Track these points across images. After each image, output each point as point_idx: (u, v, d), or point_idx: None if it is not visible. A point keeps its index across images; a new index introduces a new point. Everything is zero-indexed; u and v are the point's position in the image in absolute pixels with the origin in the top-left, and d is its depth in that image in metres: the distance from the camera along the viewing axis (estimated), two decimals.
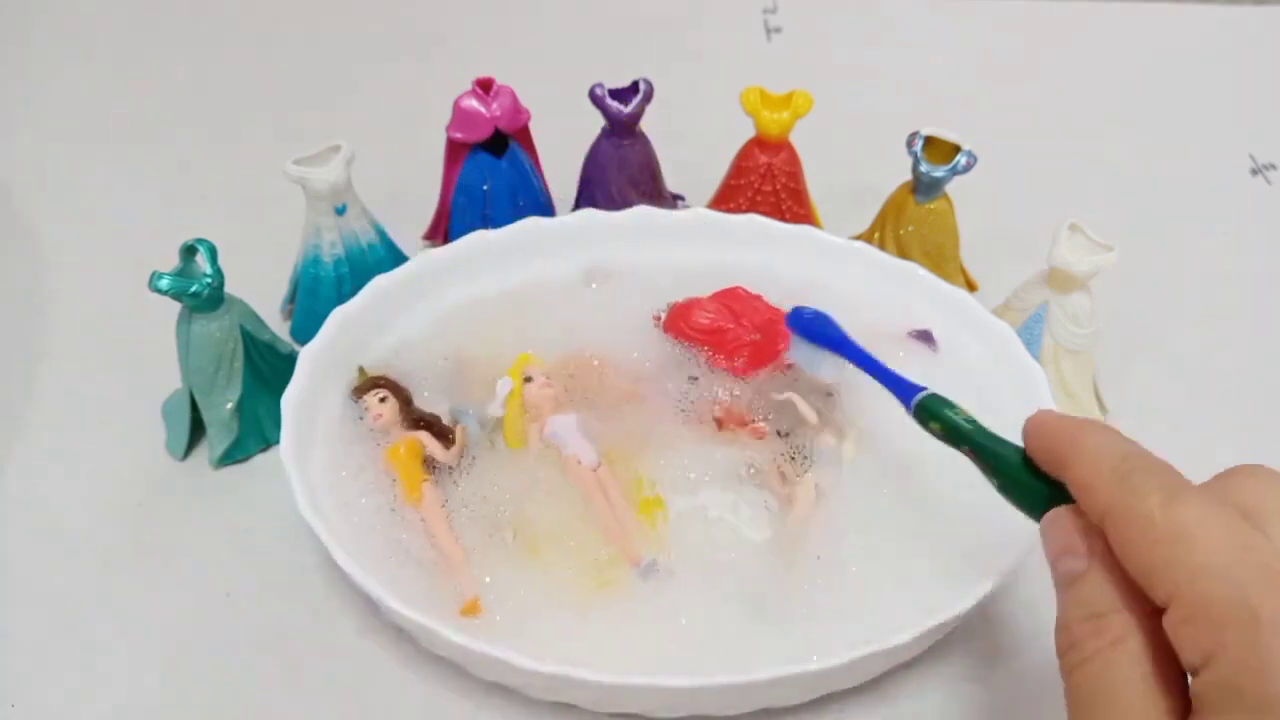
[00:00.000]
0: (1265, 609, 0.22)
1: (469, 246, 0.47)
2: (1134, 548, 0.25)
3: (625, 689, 0.33)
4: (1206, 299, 0.55)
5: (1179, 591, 0.23)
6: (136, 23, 0.75)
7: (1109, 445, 0.27)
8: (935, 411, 0.34)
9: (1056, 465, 0.28)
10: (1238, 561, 0.23)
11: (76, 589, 0.41)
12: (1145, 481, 0.25)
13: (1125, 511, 0.25)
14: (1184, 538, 0.24)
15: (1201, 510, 0.24)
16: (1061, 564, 0.27)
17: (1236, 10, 0.78)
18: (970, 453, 0.32)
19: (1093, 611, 0.25)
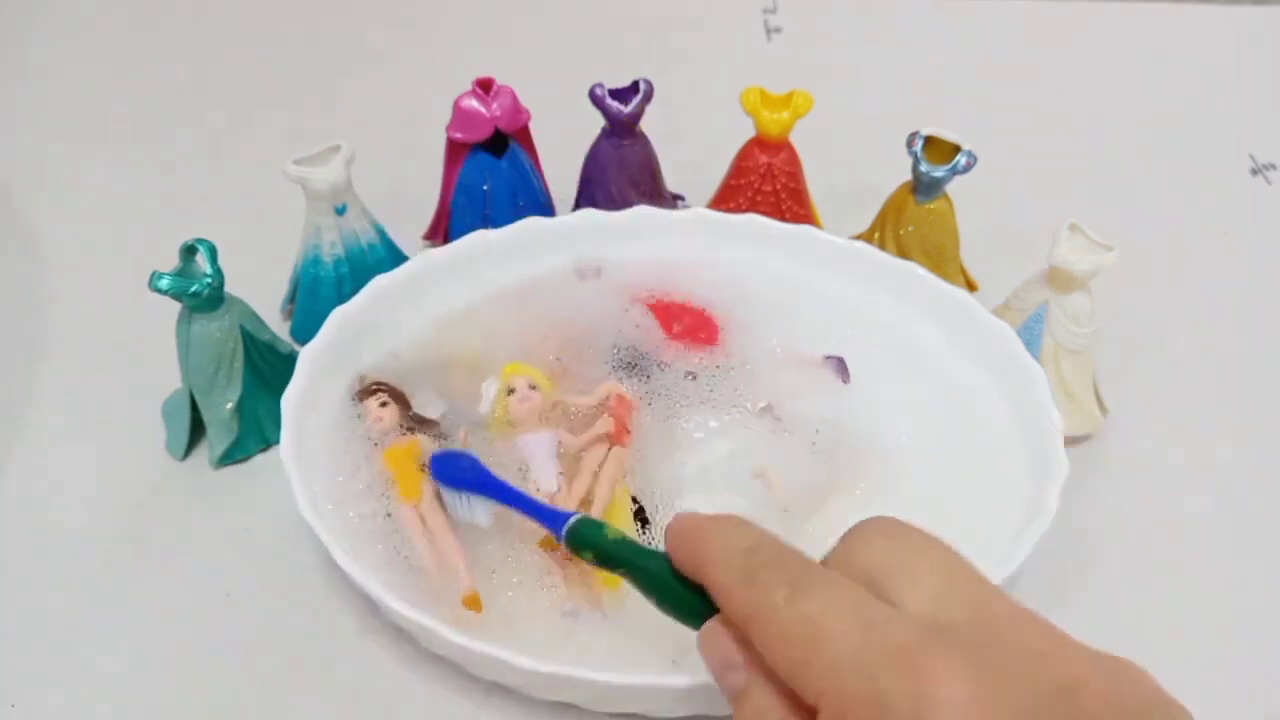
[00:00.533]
0: (895, 696, 0.22)
1: (469, 246, 0.47)
2: (773, 652, 0.25)
3: (625, 689, 0.33)
4: (1206, 299, 0.55)
5: (821, 694, 0.23)
6: (136, 23, 0.75)
7: (736, 540, 0.27)
8: (587, 538, 0.33)
9: (696, 571, 0.28)
10: (864, 647, 0.23)
11: (76, 589, 0.41)
12: (770, 578, 0.25)
13: (756, 616, 0.25)
14: (812, 634, 0.23)
15: (824, 599, 0.24)
16: (725, 679, 0.26)
17: (1236, 10, 0.78)
18: (626, 574, 0.31)
19: None
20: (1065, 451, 0.39)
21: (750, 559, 0.26)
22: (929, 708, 0.21)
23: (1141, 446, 0.47)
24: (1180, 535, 0.43)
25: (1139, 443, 0.47)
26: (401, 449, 0.41)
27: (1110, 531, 0.43)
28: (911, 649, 0.23)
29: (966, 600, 0.24)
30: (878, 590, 0.25)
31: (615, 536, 0.32)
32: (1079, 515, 0.42)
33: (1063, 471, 0.38)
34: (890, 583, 0.25)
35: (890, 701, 0.22)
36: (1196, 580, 0.42)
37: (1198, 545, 0.43)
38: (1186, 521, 0.44)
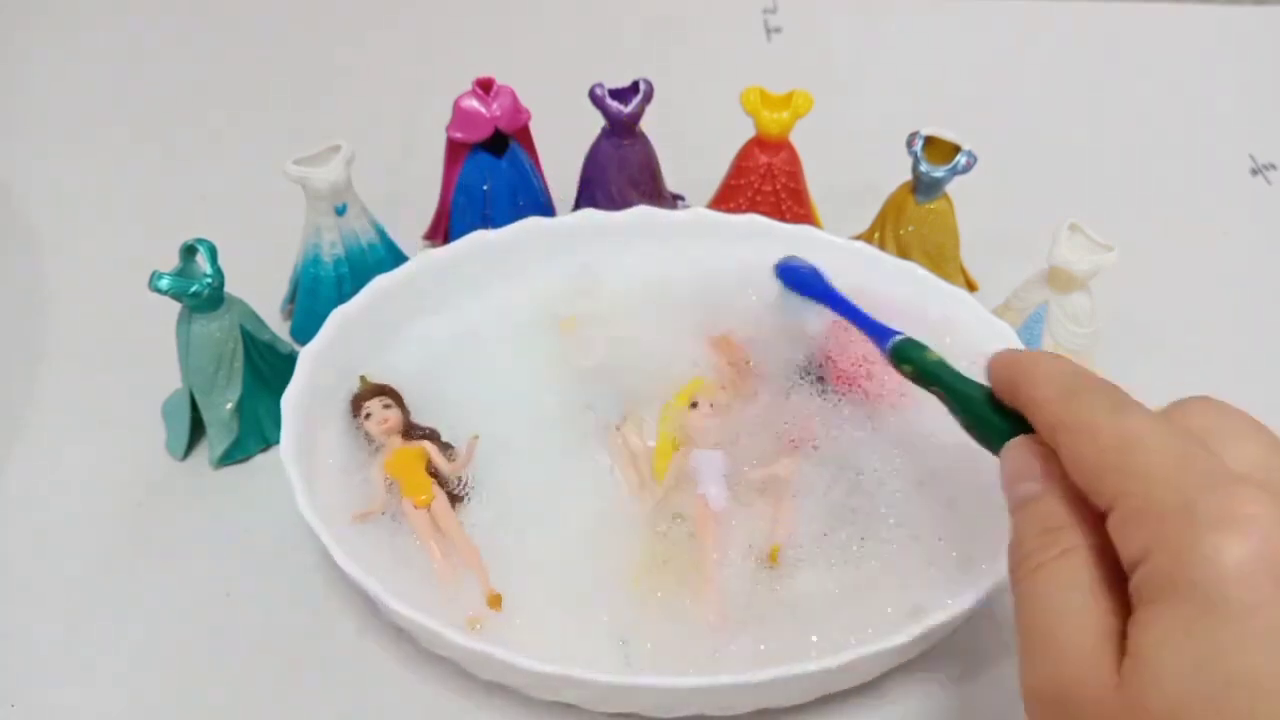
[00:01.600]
0: (1200, 505, 0.23)
1: (469, 246, 0.47)
2: (1081, 457, 0.26)
3: (625, 689, 0.33)
4: (1206, 299, 0.55)
5: (1122, 494, 0.24)
6: (136, 23, 0.75)
7: (1060, 366, 0.28)
8: (908, 354, 0.36)
9: (1013, 391, 0.29)
10: (1177, 465, 0.24)
11: (76, 589, 0.41)
12: (1093, 397, 0.27)
13: (1073, 423, 0.26)
14: (1128, 445, 0.25)
15: (1146, 422, 0.25)
16: (1018, 488, 0.28)
17: (1236, 10, 0.78)
18: (939, 393, 0.34)
19: (1045, 527, 0.26)
20: None
21: (1074, 380, 0.27)
22: (1235, 519, 0.22)
23: None
24: None
25: None
26: (410, 451, 0.40)
27: None
28: (1225, 477, 0.23)
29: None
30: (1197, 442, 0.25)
31: (935, 358, 0.35)
32: None
33: None
34: (1213, 442, 0.25)
35: (1196, 509, 0.22)
36: None
37: None
38: None
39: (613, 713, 0.36)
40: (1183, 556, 0.22)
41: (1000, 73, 0.72)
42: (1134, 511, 0.24)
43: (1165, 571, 0.23)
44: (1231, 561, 0.22)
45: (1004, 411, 0.30)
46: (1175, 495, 0.23)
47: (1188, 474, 0.24)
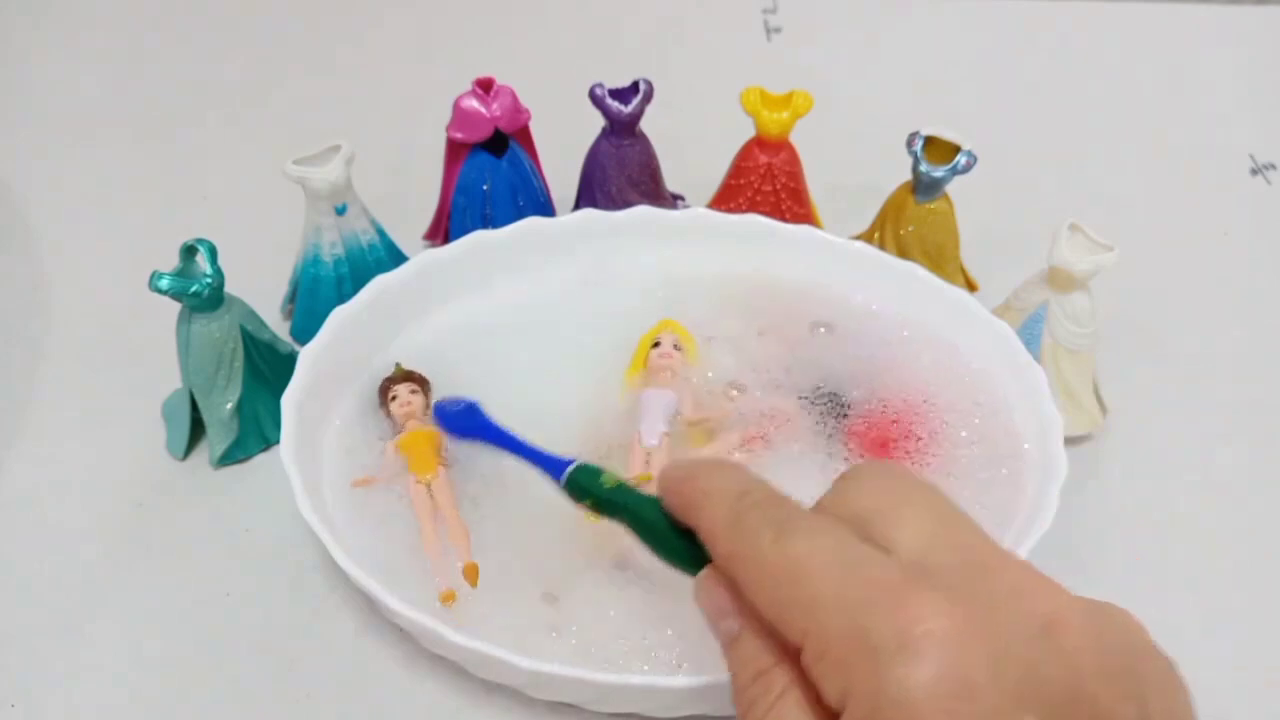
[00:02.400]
0: (875, 631, 0.22)
1: (469, 246, 0.47)
2: (757, 593, 0.25)
3: (625, 689, 0.33)
4: (1206, 299, 0.55)
5: (804, 631, 0.23)
6: (136, 22, 0.75)
7: (727, 485, 0.27)
8: (583, 485, 0.32)
9: (686, 515, 0.28)
10: (846, 585, 0.23)
11: (76, 589, 0.41)
12: (757, 520, 0.25)
13: (743, 557, 0.25)
14: (797, 573, 0.24)
15: (809, 539, 0.24)
16: (720, 626, 0.26)
17: (1236, 10, 0.78)
18: (622, 521, 0.31)
19: (756, 670, 0.25)
20: (1065, 451, 0.39)
21: (739, 502, 0.26)
22: (911, 642, 0.21)
23: (1141, 446, 0.47)
24: (1180, 535, 0.43)
25: (1139, 443, 0.47)
26: (423, 432, 0.41)
27: (1110, 531, 0.43)
28: (894, 586, 0.22)
29: (955, 544, 0.24)
30: (868, 533, 0.25)
31: (611, 484, 0.32)
32: (1079, 515, 0.42)
33: (1063, 471, 0.38)
34: (881, 525, 0.25)
35: (871, 637, 0.22)
36: (1196, 580, 0.42)
37: (1198, 545, 0.43)
38: (1186, 521, 0.44)
39: (613, 713, 0.36)
40: (877, 702, 0.21)
41: (1000, 73, 0.72)
42: (820, 652, 0.23)
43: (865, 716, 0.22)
44: (920, 697, 0.21)
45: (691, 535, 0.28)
46: (850, 626, 0.22)
47: (856, 594, 0.23)
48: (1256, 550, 0.43)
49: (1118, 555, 0.42)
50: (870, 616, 0.22)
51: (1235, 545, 0.43)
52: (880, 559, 0.24)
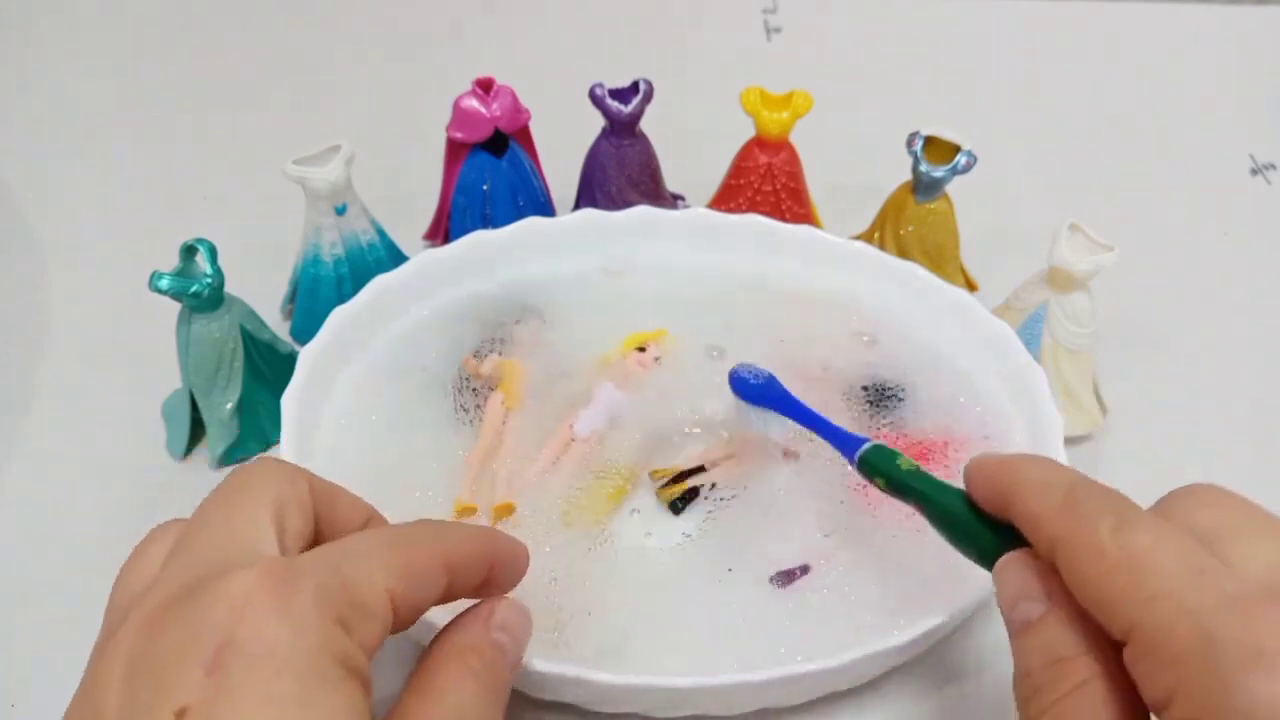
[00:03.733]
0: (1223, 639, 0.21)
1: (469, 246, 0.47)
2: (1087, 579, 0.24)
3: (625, 689, 0.33)
4: (1206, 299, 0.55)
5: (1136, 624, 0.22)
6: (136, 22, 0.75)
7: (1054, 475, 0.26)
8: (878, 465, 0.33)
9: (1002, 503, 0.27)
10: (1193, 588, 0.22)
11: (76, 589, 0.41)
12: (1094, 508, 0.25)
13: (1075, 541, 0.24)
14: (1137, 566, 0.23)
15: (1154, 536, 0.23)
16: (1018, 610, 0.26)
17: (1236, 10, 0.78)
18: (917, 505, 0.31)
19: (1054, 656, 0.24)
20: (1065, 451, 0.39)
21: (1072, 491, 0.25)
22: (1258, 658, 0.20)
23: (1141, 446, 0.47)
24: None
25: (1139, 443, 0.47)
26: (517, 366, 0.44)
27: None
28: (1247, 597, 0.22)
29: None
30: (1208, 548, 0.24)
31: (909, 466, 0.32)
32: None
33: None
34: (1221, 544, 0.24)
35: (1218, 643, 0.21)
36: None
37: None
38: None
39: (612, 713, 0.36)
40: (1215, 705, 0.21)
41: (1000, 73, 0.72)
42: (1151, 647, 0.22)
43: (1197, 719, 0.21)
44: (1267, 710, 0.20)
45: (991, 522, 0.28)
46: (1195, 627, 0.21)
47: (1204, 597, 0.22)
48: None
49: None
50: (1218, 622, 0.21)
51: None
52: (1230, 571, 0.23)
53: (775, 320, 0.47)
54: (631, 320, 0.46)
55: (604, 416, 0.42)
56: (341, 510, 0.29)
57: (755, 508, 0.39)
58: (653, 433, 0.42)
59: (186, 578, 0.24)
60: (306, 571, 0.24)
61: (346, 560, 0.25)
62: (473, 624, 0.29)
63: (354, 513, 0.30)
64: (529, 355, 0.45)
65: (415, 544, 0.27)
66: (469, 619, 0.29)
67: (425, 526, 0.29)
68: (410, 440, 0.42)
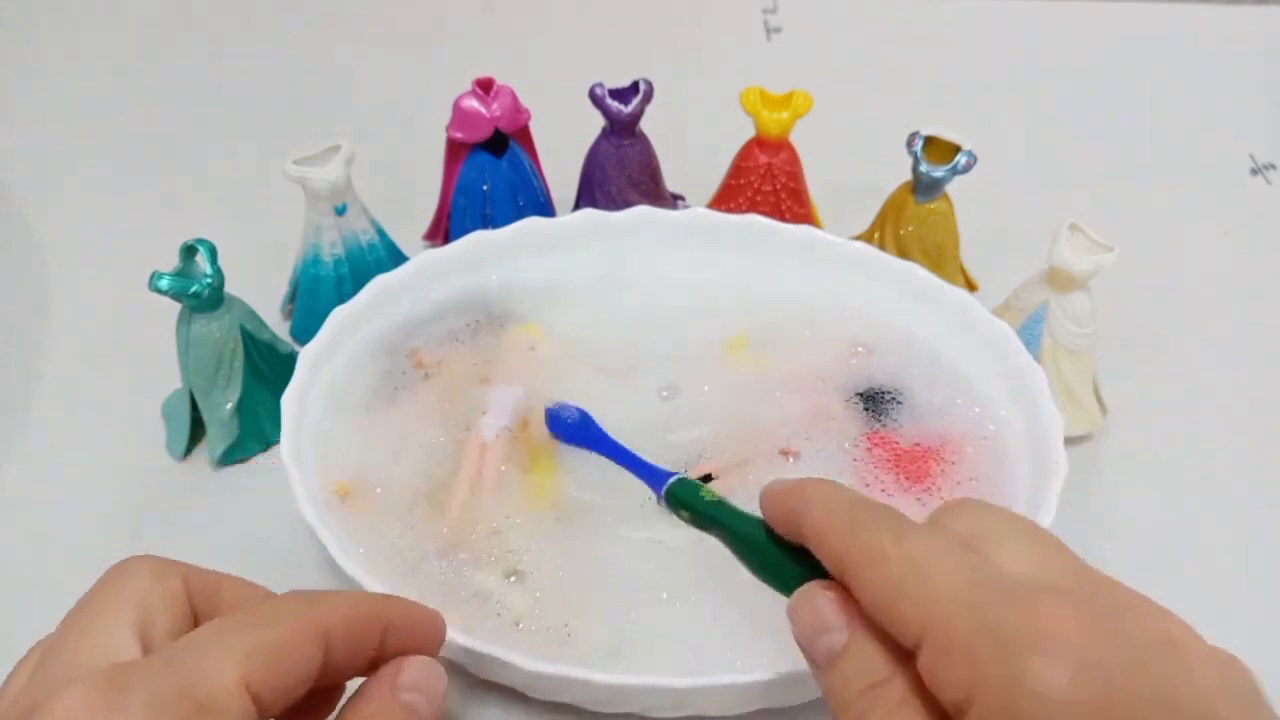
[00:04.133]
0: (1009, 629, 0.22)
1: (469, 246, 0.47)
2: (873, 589, 0.24)
3: (625, 689, 0.33)
4: (1206, 299, 0.55)
5: (924, 626, 0.23)
6: (136, 22, 0.75)
7: (837, 495, 0.27)
8: (682, 498, 0.34)
9: (794, 525, 0.28)
10: (971, 585, 0.23)
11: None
12: (874, 521, 0.26)
13: (859, 553, 0.25)
14: (918, 569, 0.24)
15: (929, 541, 0.24)
16: (819, 643, 0.26)
17: (1236, 10, 0.78)
18: (720, 535, 0.31)
19: (870, 681, 0.24)
20: (1065, 451, 0.39)
21: (854, 508, 0.26)
22: (1047, 639, 0.21)
23: (1141, 446, 0.47)
24: (1180, 535, 0.43)
25: (1139, 443, 0.47)
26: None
27: (1110, 531, 0.43)
28: (1021, 589, 0.23)
29: (1062, 568, 0.25)
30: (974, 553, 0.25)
31: (711, 498, 0.32)
32: (1079, 515, 0.42)
33: (1063, 471, 0.38)
34: (986, 548, 0.25)
35: (1003, 632, 0.22)
36: (1196, 580, 0.42)
37: (1197, 545, 0.43)
38: (1186, 521, 0.44)
39: (613, 713, 0.36)
40: (1011, 694, 0.21)
41: (1000, 73, 0.72)
42: (942, 647, 0.23)
43: (998, 714, 0.22)
44: (1058, 689, 0.21)
45: (792, 551, 0.28)
46: (977, 619, 0.22)
47: (983, 594, 0.23)
48: (1257, 550, 0.43)
49: (1118, 555, 0.42)
50: (1001, 613, 0.22)
51: (1235, 545, 0.43)
52: (999, 569, 0.24)
53: (771, 323, 0.47)
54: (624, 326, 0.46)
55: (507, 416, 0.42)
56: (227, 599, 0.28)
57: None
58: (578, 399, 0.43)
59: (28, 700, 0.24)
60: (139, 680, 0.23)
61: (191, 655, 0.24)
62: (377, 690, 0.28)
63: (243, 599, 0.29)
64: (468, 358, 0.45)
65: (277, 622, 0.26)
66: (372, 684, 0.28)
67: (292, 600, 0.27)
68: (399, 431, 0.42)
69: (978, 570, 0.24)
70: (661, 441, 0.42)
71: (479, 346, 0.45)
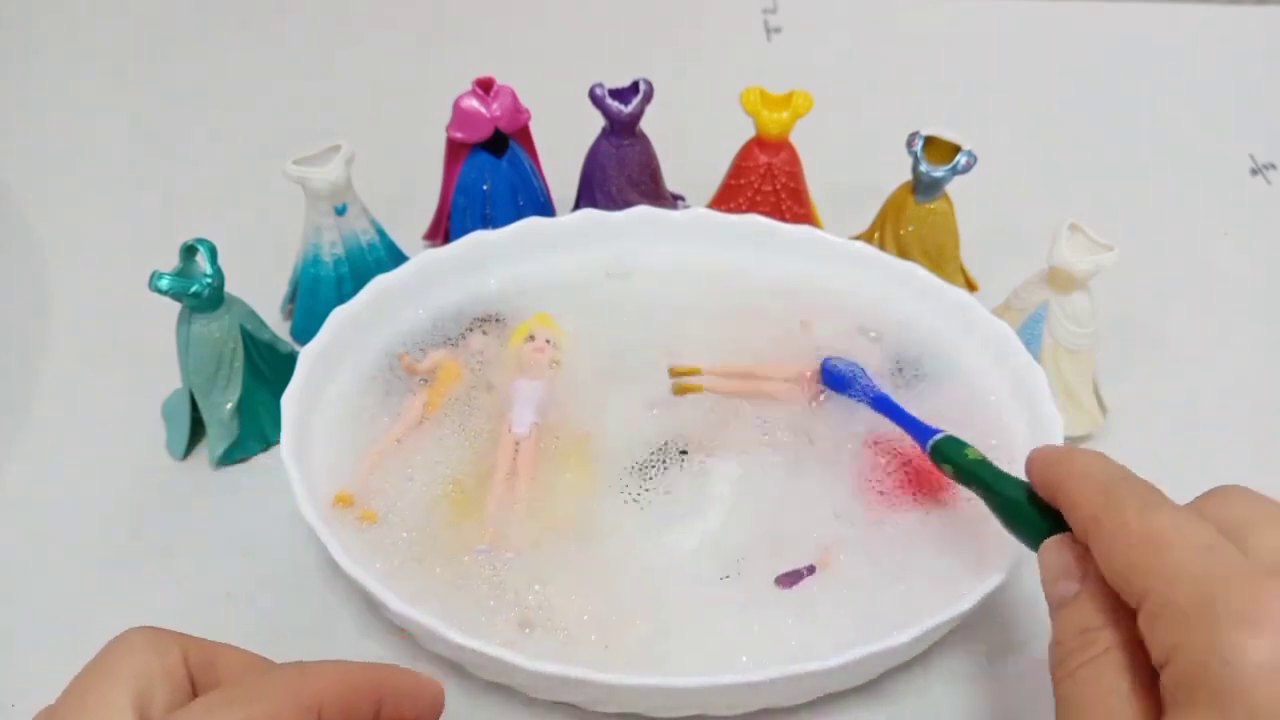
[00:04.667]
0: (1221, 603, 0.23)
1: (469, 246, 0.47)
2: (1112, 554, 0.26)
3: (625, 689, 0.33)
4: (1206, 299, 0.55)
5: (1148, 591, 0.25)
6: (137, 22, 0.75)
7: (1098, 465, 0.29)
8: (948, 454, 0.36)
9: (1053, 490, 0.30)
10: (1202, 561, 0.24)
11: (76, 589, 0.41)
12: (1126, 494, 0.27)
13: (1106, 521, 0.27)
14: (1155, 543, 0.25)
15: (1174, 518, 0.26)
16: (1057, 588, 0.29)
17: (1236, 10, 0.78)
18: (979, 490, 0.34)
19: (1082, 627, 0.27)
20: None
21: (1111, 478, 0.28)
22: (1256, 616, 0.22)
23: (1141, 446, 0.47)
24: None
25: (1139, 443, 0.47)
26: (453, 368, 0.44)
27: None
28: (1249, 572, 0.24)
29: None
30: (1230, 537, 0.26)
31: (975, 456, 0.35)
32: None
33: None
34: (1243, 534, 0.26)
35: (1216, 604, 0.23)
36: None
37: None
38: None
39: (613, 713, 0.36)
40: (1205, 658, 0.22)
41: (1000, 73, 0.72)
42: (1159, 609, 0.24)
43: (1189, 674, 0.23)
44: (1252, 664, 0.22)
45: (1043, 509, 0.31)
46: (1198, 592, 0.24)
47: (1212, 570, 0.24)
48: None
49: None
50: (1220, 589, 0.23)
51: None
52: (1240, 553, 0.25)
53: (770, 320, 0.47)
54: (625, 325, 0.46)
55: (533, 409, 0.42)
56: (224, 669, 0.29)
57: (761, 510, 0.40)
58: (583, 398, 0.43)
59: None
60: None
61: None
62: None
63: (239, 670, 0.29)
64: (468, 363, 0.45)
65: (268, 697, 0.26)
66: None
67: (284, 673, 0.27)
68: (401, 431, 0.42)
69: (1211, 549, 0.25)
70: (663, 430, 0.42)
71: (479, 347, 0.45)
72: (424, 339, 0.45)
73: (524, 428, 0.42)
